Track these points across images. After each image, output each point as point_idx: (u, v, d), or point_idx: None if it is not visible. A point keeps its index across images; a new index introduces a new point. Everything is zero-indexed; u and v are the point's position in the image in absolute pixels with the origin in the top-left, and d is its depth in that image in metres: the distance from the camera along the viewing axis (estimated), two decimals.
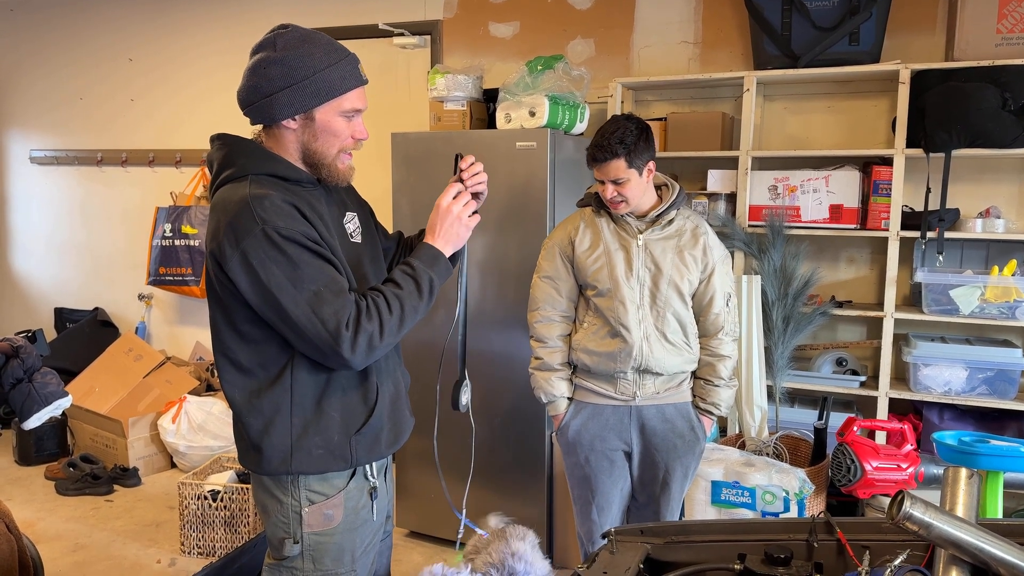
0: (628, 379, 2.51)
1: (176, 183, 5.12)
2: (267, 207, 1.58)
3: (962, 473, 1.44)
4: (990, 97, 3.00)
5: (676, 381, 2.55)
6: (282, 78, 1.63)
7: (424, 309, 1.74)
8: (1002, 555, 1.27)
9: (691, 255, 2.50)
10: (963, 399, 3.15)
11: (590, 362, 2.53)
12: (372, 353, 1.65)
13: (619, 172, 2.39)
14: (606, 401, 2.56)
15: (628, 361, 2.48)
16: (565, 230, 2.61)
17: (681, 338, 2.51)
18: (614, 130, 2.39)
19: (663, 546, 1.59)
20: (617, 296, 2.47)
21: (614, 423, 2.56)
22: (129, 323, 5.43)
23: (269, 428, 1.70)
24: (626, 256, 2.49)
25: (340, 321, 1.59)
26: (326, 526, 1.75)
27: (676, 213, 2.52)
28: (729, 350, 2.57)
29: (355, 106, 1.70)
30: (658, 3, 3.82)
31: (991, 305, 3.09)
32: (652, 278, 2.48)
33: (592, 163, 2.44)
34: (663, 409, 2.55)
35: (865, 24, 3.20)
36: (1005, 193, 3.32)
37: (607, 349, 2.49)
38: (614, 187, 2.42)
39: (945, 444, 2.59)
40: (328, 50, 1.67)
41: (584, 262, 2.53)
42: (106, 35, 5.25)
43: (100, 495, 4.20)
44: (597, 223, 2.56)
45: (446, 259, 1.79)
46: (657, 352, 2.47)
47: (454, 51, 4.25)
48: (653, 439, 2.56)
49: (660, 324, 2.48)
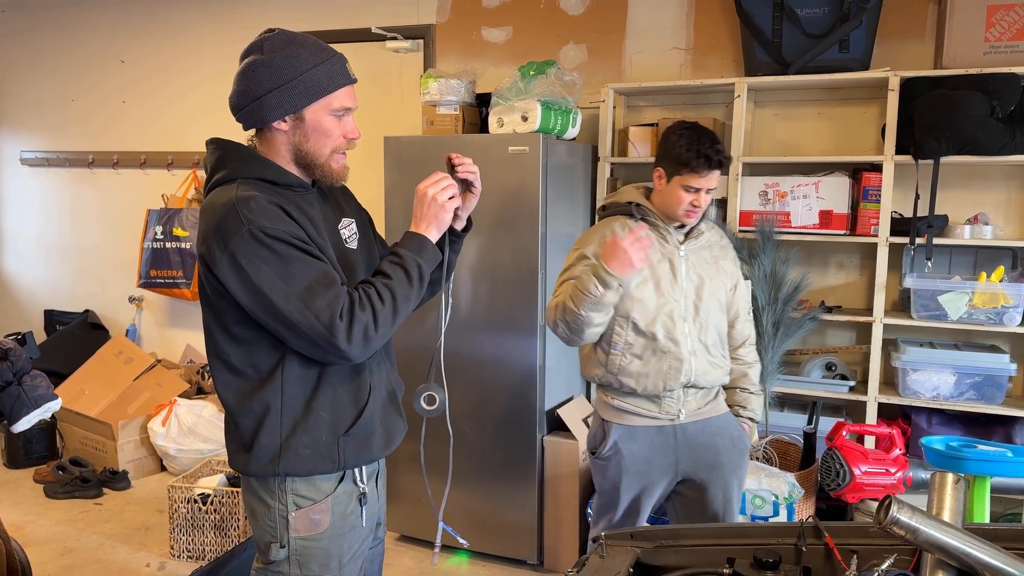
0: (673, 396, 2.42)
1: (167, 185, 5.11)
2: (253, 208, 1.59)
3: (948, 478, 1.45)
4: (978, 105, 3.02)
5: (712, 394, 2.50)
6: (270, 79, 1.64)
7: (416, 296, 1.74)
8: (987, 559, 1.28)
9: (723, 265, 2.49)
10: (951, 404, 3.17)
11: (636, 384, 2.41)
12: (368, 344, 1.64)
13: (716, 182, 2.36)
14: (650, 422, 2.44)
15: (678, 377, 2.38)
16: (598, 238, 2.45)
17: (720, 350, 2.48)
18: (714, 137, 2.34)
19: (653, 550, 1.59)
20: (664, 310, 2.38)
21: (659, 444, 2.44)
22: (119, 325, 5.41)
23: (260, 427, 1.70)
24: (670, 268, 2.41)
25: (334, 312, 1.59)
26: (313, 531, 1.75)
27: (705, 224, 2.50)
28: (755, 357, 2.62)
29: (344, 104, 1.71)
30: (650, 9, 3.84)
31: (979, 311, 3.12)
32: (696, 290, 2.42)
33: (702, 169, 2.31)
34: (708, 424, 2.47)
35: (855, 32, 3.23)
36: (993, 200, 3.34)
37: (656, 367, 2.38)
38: (706, 196, 2.36)
39: (933, 449, 2.61)
40: (315, 50, 1.68)
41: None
42: (98, 37, 5.24)
43: (89, 498, 4.19)
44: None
45: (432, 244, 1.77)
46: (703, 366, 2.41)
47: (447, 55, 4.26)
48: (705, 455, 2.45)
49: (703, 337, 2.42)
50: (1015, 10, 3.04)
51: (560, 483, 3.44)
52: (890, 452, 3.09)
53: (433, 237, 1.78)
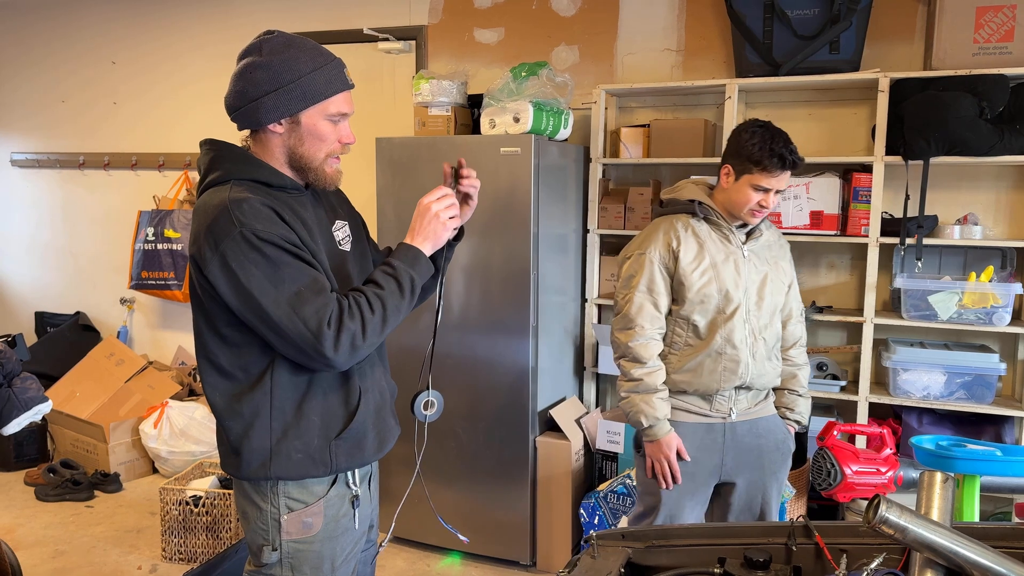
0: (725, 396, 2.39)
1: (159, 186, 5.10)
2: (245, 210, 1.59)
3: (937, 477, 1.46)
4: (967, 106, 3.04)
5: (764, 394, 2.48)
6: (268, 82, 1.64)
7: (407, 308, 1.74)
8: (975, 558, 1.29)
9: (781, 266, 2.47)
10: (941, 403, 3.19)
11: (689, 384, 2.38)
12: (355, 353, 1.64)
13: (786, 183, 2.32)
14: (699, 419, 2.41)
15: (732, 379, 2.36)
16: (662, 239, 2.39)
17: (775, 352, 2.46)
18: (787, 138, 2.29)
19: (644, 550, 1.60)
20: (728, 311, 2.34)
21: (708, 443, 2.40)
22: (111, 327, 5.39)
23: (249, 432, 1.70)
24: (735, 267, 2.37)
25: (321, 320, 1.59)
26: (305, 534, 1.74)
27: (763, 225, 2.47)
28: (805, 359, 2.57)
29: (341, 110, 1.71)
30: (642, 11, 3.85)
31: (969, 311, 3.13)
32: (758, 291, 2.39)
33: (775, 169, 2.26)
34: (756, 424, 2.44)
35: (845, 33, 3.24)
36: (982, 200, 3.36)
37: (711, 368, 2.35)
38: (774, 197, 2.32)
39: (923, 448, 2.63)
40: (314, 55, 1.68)
41: (689, 275, 2.34)
42: (89, 38, 5.22)
43: (80, 501, 4.17)
44: (698, 231, 2.39)
45: (426, 258, 1.77)
46: (760, 367, 2.39)
47: (439, 56, 4.26)
48: (749, 457, 2.43)
49: (761, 338, 2.40)
50: (1003, 11, 3.05)
51: (553, 484, 3.44)
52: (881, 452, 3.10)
53: (428, 251, 1.78)
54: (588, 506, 3.39)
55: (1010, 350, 3.33)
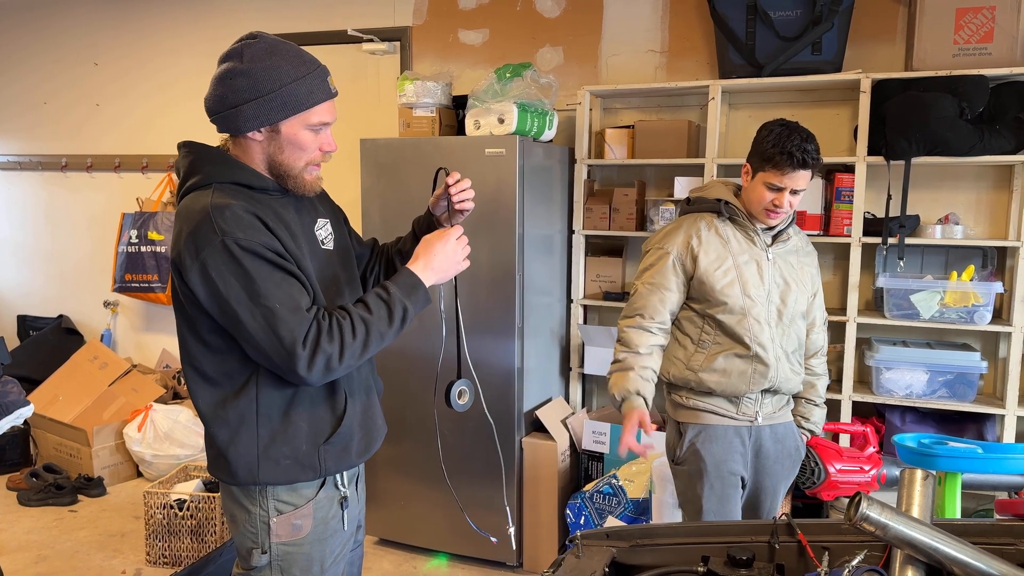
0: (752, 399, 2.36)
1: (142, 189, 5.07)
2: (228, 218, 1.57)
3: (917, 475, 1.47)
4: (948, 106, 3.06)
5: (786, 400, 2.45)
6: (248, 90, 1.61)
7: (393, 336, 1.71)
8: (955, 554, 1.30)
9: (809, 272, 2.44)
10: (924, 402, 3.21)
11: (716, 384, 2.34)
12: (330, 373, 1.63)
13: (805, 183, 2.25)
14: (727, 422, 2.38)
15: (762, 382, 2.32)
16: (683, 236, 2.36)
17: (799, 358, 2.44)
18: (809, 137, 2.23)
19: (628, 550, 1.60)
20: (751, 313, 2.31)
21: (737, 444, 2.38)
22: (94, 330, 5.35)
23: (235, 438, 1.68)
24: (758, 269, 2.33)
25: (296, 339, 1.57)
26: (294, 536, 1.74)
27: (791, 229, 2.43)
28: (825, 369, 2.54)
29: (323, 120, 1.69)
30: (626, 12, 3.86)
31: (950, 310, 3.16)
32: (781, 295, 2.35)
33: (790, 167, 2.21)
34: (776, 429, 2.43)
35: (827, 34, 3.26)
36: (963, 200, 3.39)
37: (739, 370, 2.32)
38: (790, 196, 2.26)
39: (905, 446, 2.64)
40: (296, 63, 1.65)
41: (711, 274, 2.31)
42: (71, 39, 5.19)
43: (64, 505, 4.14)
44: (722, 231, 2.35)
45: (426, 290, 1.76)
46: (786, 372, 2.36)
47: (423, 57, 4.26)
48: (766, 462, 2.42)
49: (786, 343, 2.36)
50: (983, 13, 3.08)
51: (539, 484, 3.44)
52: (864, 450, 3.12)
53: (429, 283, 1.77)
54: (574, 506, 3.39)
55: (991, 349, 3.36)
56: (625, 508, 3.27)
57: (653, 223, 3.58)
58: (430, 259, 1.77)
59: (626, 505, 3.27)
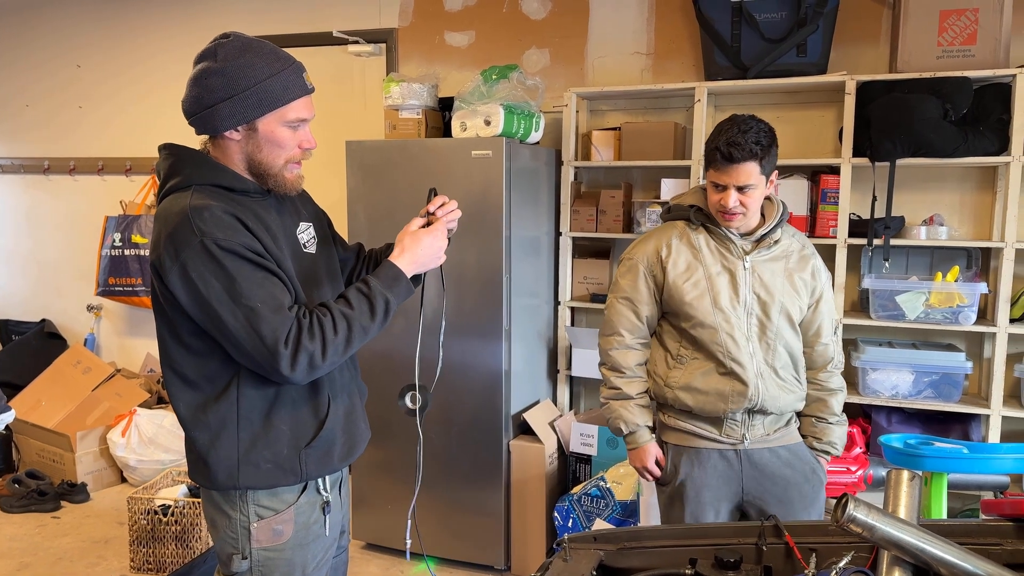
0: (736, 420, 2.21)
1: (126, 192, 5.03)
2: (207, 219, 1.56)
3: (904, 475, 1.47)
4: (932, 108, 3.08)
5: (784, 420, 2.28)
6: (223, 89, 1.61)
7: (376, 330, 1.70)
8: (941, 555, 1.30)
9: (801, 279, 2.23)
10: (910, 402, 3.22)
11: (693, 402, 2.21)
12: (313, 371, 1.62)
13: (749, 177, 2.08)
14: (711, 445, 2.24)
15: (741, 402, 2.17)
16: (652, 245, 2.27)
17: (792, 373, 2.24)
18: (747, 128, 2.08)
19: (616, 552, 1.60)
20: (724, 328, 2.17)
21: (723, 470, 2.24)
22: (77, 335, 5.30)
23: (216, 442, 1.67)
24: (731, 280, 2.19)
25: (278, 338, 1.56)
26: (275, 541, 1.72)
27: (781, 232, 2.25)
28: (839, 383, 2.33)
29: (300, 116, 1.68)
30: (612, 14, 3.86)
31: (935, 310, 3.17)
32: (761, 306, 2.19)
33: (720, 162, 2.10)
34: (777, 453, 2.25)
35: (812, 36, 3.27)
36: (948, 201, 3.41)
37: (716, 388, 2.18)
38: (738, 195, 2.11)
39: (891, 447, 2.65)
40: (270, 60, 1.64)
41: (679, 287, 2.20)
42: (53, 41, 5.14)
43: (47, 512, 4.10)
44: (694, 240, 2.23)
45: (408, 280, 1.75)
46: (771, 390, 2.18)
47: (409, 59, 4.24)
48: (774, 488, 2.24)
49: (770, 358, 2.19)
50: (966, 15, 3.10)
51: (527, 487, 3.43)
52: (851, 451, 3.13)
53: (410, 274, 1.77)
54: (562, 509, 3.39)
55: (976, 349, 3.37)
56: (613, 510, 3.27)
57: (640, 225, 3.58)
58: (413, 251, 1.77)
59: (614, 507, 3.27)
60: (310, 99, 1.71)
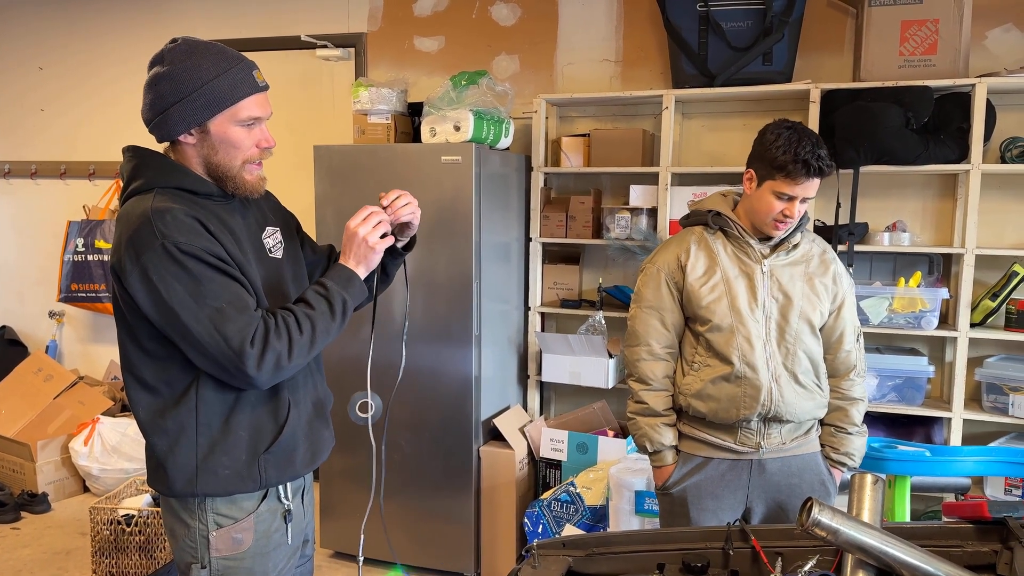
0: (752, 428, 2.16)
1: (89, 196, 4.94)
2: (168, 222, 1.54)
3: (867, 479, 1.49)
4: (894, 116, 3.13)
5: (804, 429, 2.22)
6: (172, 92, 1.59)
7: (337, 330, 1.71)
8: (904, 557, 1.32)
9: (821, 283, 2.20)
10: (874, 406, 3.27)
11: (706, 409, 2.17)
12: (279, 372, 1.61)
13: (816, 190, 2.11)
14: (723, 454, 2.20)
15: (754, 407, 2.13)
16: (672, 252, 2.25)
17: (812, 379, 2.19)
18: (818, 141, 2.08)
19: (584, 558, 1.60)
20: (740, 331, 2.14)
21: (731, 479, 2.20)
22: (39, 342, 5.20)
23: (174, 448, 1.65)
24: (749, 284, 2.17)
25: (244, 339, 1.55)
26: (235, 550, 1.70)
27: (801, 236, 2.23)
28: (861, 392, 2.27)
29: (252, 114, 1.65)
30: (581, 22, 3.88)
31: (898, 315, 3.22)
32: (780, 310, 2.16)
33: (799, 175, 2.06)
34: (789, 463, 2.20)
35: (778, 45, 3.32)
36: (910, 208, 3.47)
37: (729, 394, 2.14)
38: (800, 205, 2.11)
39: None
40: (217, 59, 1.62)
41: (697, 291, 2.18)
42: (14, 43, 5.04)
43: (6, 523, 4.01)
44: (712, 245, 2.22)
45: (360, 280, 1.75)
46: (788, 396, 2.14)
47: (379, 64, 4.23)
48: (779, 498, 2.21)
49: (790, 363, 2.15)
50: (927, 25, 3.16)
51: (497, 493, 3.43)
52: None
53: (361, 274, 1.76)
54: (532, 515, 3.38)
55: (938, 353, 3.43)
56: (583, 515, 3.27)
57: (609, 231, 3.60)
58: (349, 252, 1.75)
59: (584, 512, 3.27)
60: (264, 96, 1.68)
